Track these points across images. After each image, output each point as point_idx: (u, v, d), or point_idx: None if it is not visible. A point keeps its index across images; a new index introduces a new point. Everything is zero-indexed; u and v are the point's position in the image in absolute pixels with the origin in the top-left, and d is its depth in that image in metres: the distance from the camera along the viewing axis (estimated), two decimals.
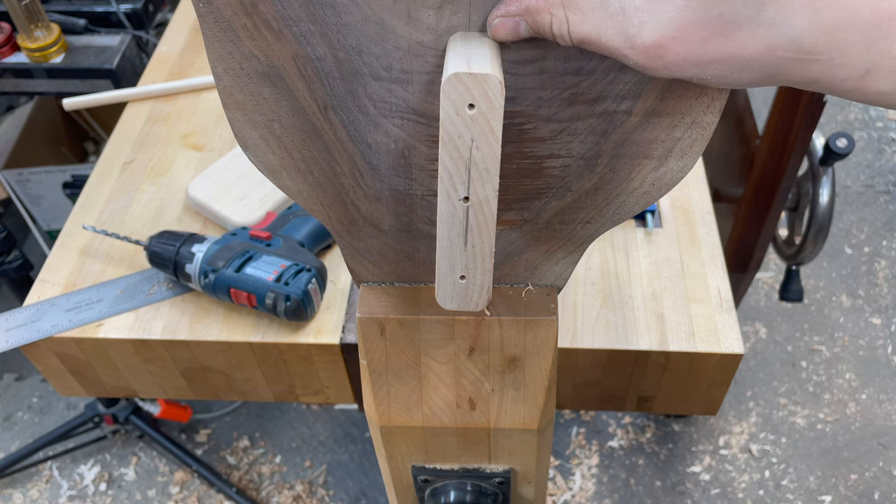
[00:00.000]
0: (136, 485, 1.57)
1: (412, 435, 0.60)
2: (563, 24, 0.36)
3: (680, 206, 0.97)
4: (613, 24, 0.34)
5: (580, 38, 0.36)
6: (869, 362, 1.71)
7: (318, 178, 0.48)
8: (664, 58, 0.34)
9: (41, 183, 1.64)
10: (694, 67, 0.35)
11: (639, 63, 0.35)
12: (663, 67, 0.35)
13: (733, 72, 0.35)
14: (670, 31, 0.34)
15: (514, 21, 0.37)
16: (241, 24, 0.40)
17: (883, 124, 2.22)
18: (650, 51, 0.34)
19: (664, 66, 0.35)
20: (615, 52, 0.35)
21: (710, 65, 0.34)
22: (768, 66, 0.34)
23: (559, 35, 0.36)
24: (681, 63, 0.34)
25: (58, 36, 1.27)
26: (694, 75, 0.35)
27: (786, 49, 0.33)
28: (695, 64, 0.34)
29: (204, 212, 0.98)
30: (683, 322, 0.85)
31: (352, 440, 1.63)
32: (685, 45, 0.34)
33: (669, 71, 0.35)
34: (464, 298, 0.47)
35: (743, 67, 0.34)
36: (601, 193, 0.47)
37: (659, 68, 0.35)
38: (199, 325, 0.87)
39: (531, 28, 0.37)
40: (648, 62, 0.35)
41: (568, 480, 1.56)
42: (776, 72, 0.34)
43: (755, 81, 0.35)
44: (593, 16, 0.35)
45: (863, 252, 1.91)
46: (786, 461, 1.57)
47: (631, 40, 0.34)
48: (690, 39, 0.34)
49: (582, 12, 0.35)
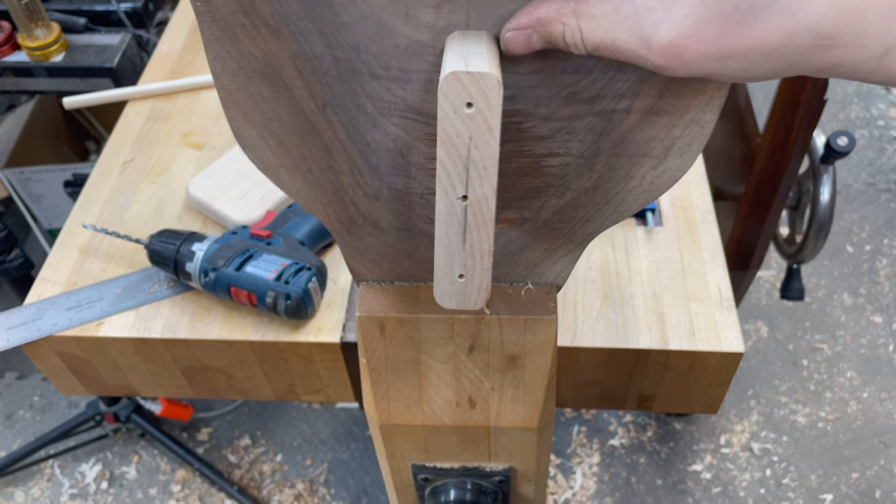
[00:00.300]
0: (137, 483, 1.58)
1: (412, 433, 0.60)
2: (576, 34, 0.35)
3: (680, 205, 0.97)
4: (627, 28, 0.34)
5: (594, 46, 0.35)
6: (870, 361, 1.71)
7: (316, 177, 0.48)
8: (682, 56, 0.34)
9: (42, 182, 1.64)
10: (713, 63, 0.34)
11: (657, 64, 0.34)
12: (682, 66, 0.34)
13: (753, 64, 0.34)
14: (686, 28, 0.33)
15: (526, 34, 0.37)
16: (240, 23, 0.40)
17: (884, 122, 2.21)
18: (667, 50, 0.34)
19: (683, 65, 0.34)
20: (632, 56, 0.35)
21: (729, 59, 0.34)
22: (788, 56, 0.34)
23: (573, 44, 0.36)
24: (700, 60, 0.34)
25: (58, 35, 1.27)
26: (714, 71, 0.35)
27: (805, 35, 0.33)
28: (714, 59, 0.34)
29: (204, 210, 0.98)
30: (684, 321, 0.85)
31: (353, 438, 1.63)
32: (702, 42, 0.33)
33: (689, 69, 0.34)
34: (462, 297, 0.47)
35: (763, 59, 0.34)
36: (600, 192, 0.47)
37: (678, 67, 0.34)
38: (199, 324, 0.87)
39: (543, 39, 0.37)
40: (667, 62, 0.34)
41: (569, 479, 1.56)
42: (797, 60, 0.34)
43: (776, 72, 0.35)
44: (606, 21, 0.34)
45: (864, 250, 1.91)
46: (787, 460, 1.57)
47: (647, 41, 0.34)
48: (707, 35, 0.33)
49: (594, 19, 0.35)
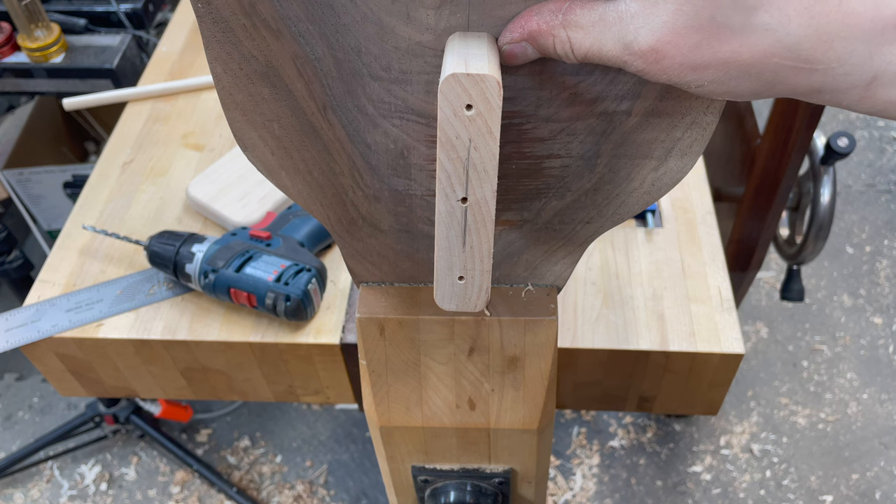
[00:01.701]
0: (136, 485, 1.58)
1: (412, 435, 0.60)
2: (565, 44, 0.36)
3: (680, 206, 0.97)
4: (612, 34, 0.35)
5: (583, 54, 0.36)
6: (870, 362, 1.71)
7: (317, 178, 0.48)
8: (661, 62, 0.34)
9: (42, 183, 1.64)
10: (690, 72, 0.34)
11: (639, 68, 0.35)
12: (661, 72, 0.35)
13: (731, 78, 0.34)
14: (665, 35, 0.34)
15: (521, 47, 0.38)
16: (240, 25, 0.40)
17: (884, 123, 2.21)
18: (647, 55, 0.34)
19: (662, 71, 0.35)
20: (616, 61, 0.36)
21: (706, 69, 0.34)
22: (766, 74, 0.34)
23: (563, 54, 0.37)
24: (677, 68, 0.34)
25: (58, 36, 1.27)
26: (692, 80, 0.35)
27: (783, 56, 0.33)
28: (691, 68, 0.34)
29: (204, 212, 0.97)
30: (684, 322, 0.85)
31: (352, 440, 1.63)
32: (679, 49, 0.34)
33: (668, 76, 0.35)
34: (462, 299, 0.47)
35: (739, 73, 0.34)
36: (601, 193, 0.47)
37: (657, 73, 0.35)
38: (198, 325, 0.87)
39: (537, 51, 0.38)
40: (647, 67, 0.35)
41: (569, 480, 1.56)
42: (776, 80, 0.34)
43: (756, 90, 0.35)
44: (593, 30, 0.35)
45: (864, 251, 1.91)
46: (787, 461, 1.57)
47: (629, 47, 0.34)
48: (685, 43, 0.34)
49: (583, 28, 0.35)
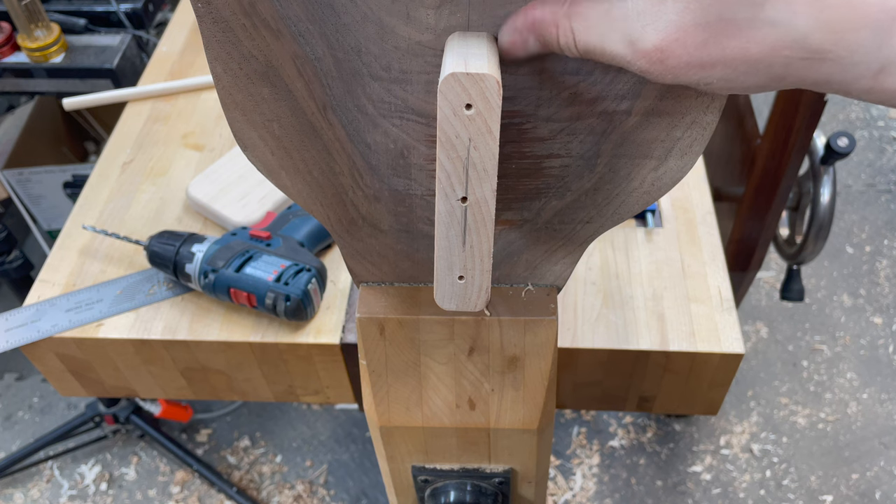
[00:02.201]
0: (136, 484, 1.57)
1: (412, 435, 0.60)
2: (568, 36, 0.36)
3: (680, 206, 0.97)
4: (617, 31, 0.34)
5: (585, 49, 0.36)
6: (870, 362, 1.71)
7: (317, 178, 0.48)
8: (666, 61, 0.34)
9: (42, 183, 1.64)
10: (697, 70, 0.34)
11: (643, 68, 0.35)
12: (666, 71, 0.34)
13: (739, 74, 0.34)
14: (671, 33, 0.33)
15: (522, 38, 0.37)
16: (240, 25, 0.40)
17: (884, 123, 2.21)
18: (652, 55, 0.34)
19: (667, 70, 0.34)
20: (620, 59, 0.35)
21: (713, 67, 0.34)
22: (775, 67, 0.33)
23: (566, 47, 0.36)
24: (683, 66, 0.34)
25: (58, 35, 1.27)
26: (699, 79, 0.34)
27: (791, 49, 0.33)
28: (698, 66, 0.34)
29: (204, 212, 0.97)
30: (684, 322, 0.85)
31: (353, 440, 1.63)
32: (686, 48, 0.33)
33: (674, 75, 0.34)
34: (462, 299, 0.47)
35: (748, 69, 0.34)
36: (601, 193, 0.47)
37: (662, 72, 0.34)
38: (198, 325, 0.87)
39: (539, 42, 0.37)
40: (651, 66, 0.34)
41: (569, 480, 1.56)
42: (785, 73, 0.34)
43: (764, 84, 0.35)
44: (598, 24, 0.35)
45: (864, 251, 1.91)
46: (787, 461, 1.57)
47: (633, 45, 0.34)
48: (691, 42, 0.33)
49: (587, 21, 0.35)
